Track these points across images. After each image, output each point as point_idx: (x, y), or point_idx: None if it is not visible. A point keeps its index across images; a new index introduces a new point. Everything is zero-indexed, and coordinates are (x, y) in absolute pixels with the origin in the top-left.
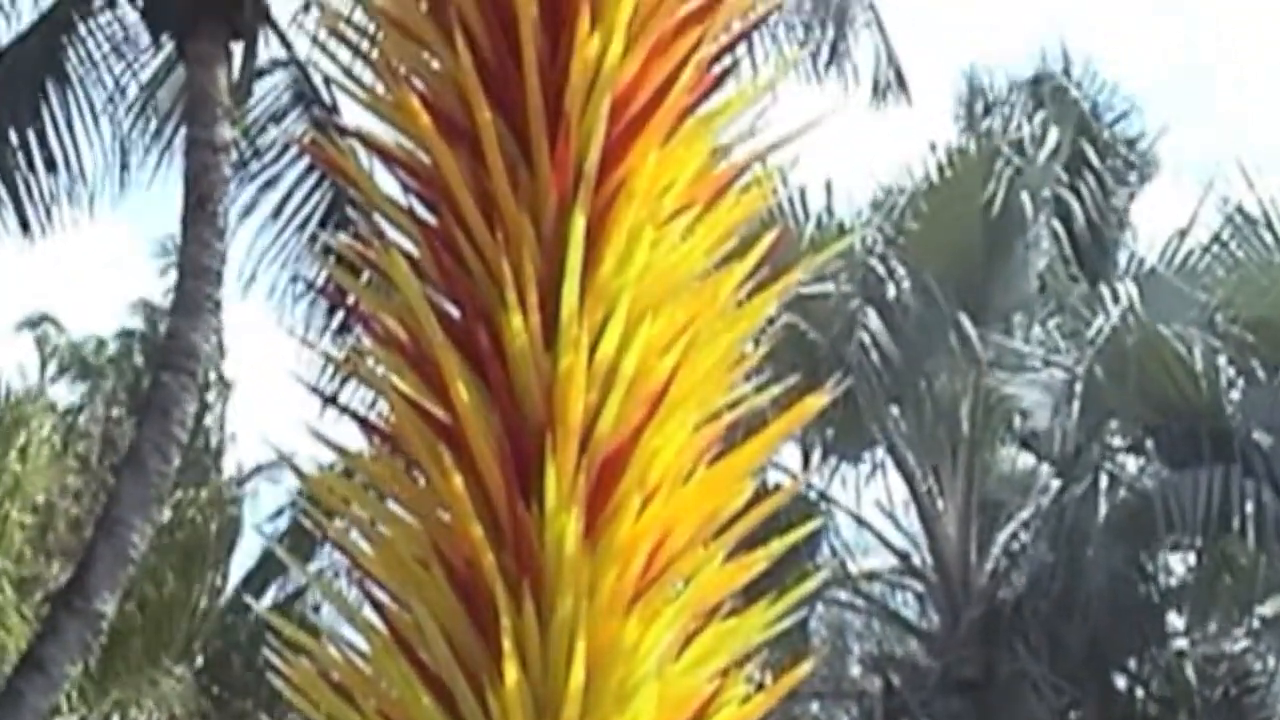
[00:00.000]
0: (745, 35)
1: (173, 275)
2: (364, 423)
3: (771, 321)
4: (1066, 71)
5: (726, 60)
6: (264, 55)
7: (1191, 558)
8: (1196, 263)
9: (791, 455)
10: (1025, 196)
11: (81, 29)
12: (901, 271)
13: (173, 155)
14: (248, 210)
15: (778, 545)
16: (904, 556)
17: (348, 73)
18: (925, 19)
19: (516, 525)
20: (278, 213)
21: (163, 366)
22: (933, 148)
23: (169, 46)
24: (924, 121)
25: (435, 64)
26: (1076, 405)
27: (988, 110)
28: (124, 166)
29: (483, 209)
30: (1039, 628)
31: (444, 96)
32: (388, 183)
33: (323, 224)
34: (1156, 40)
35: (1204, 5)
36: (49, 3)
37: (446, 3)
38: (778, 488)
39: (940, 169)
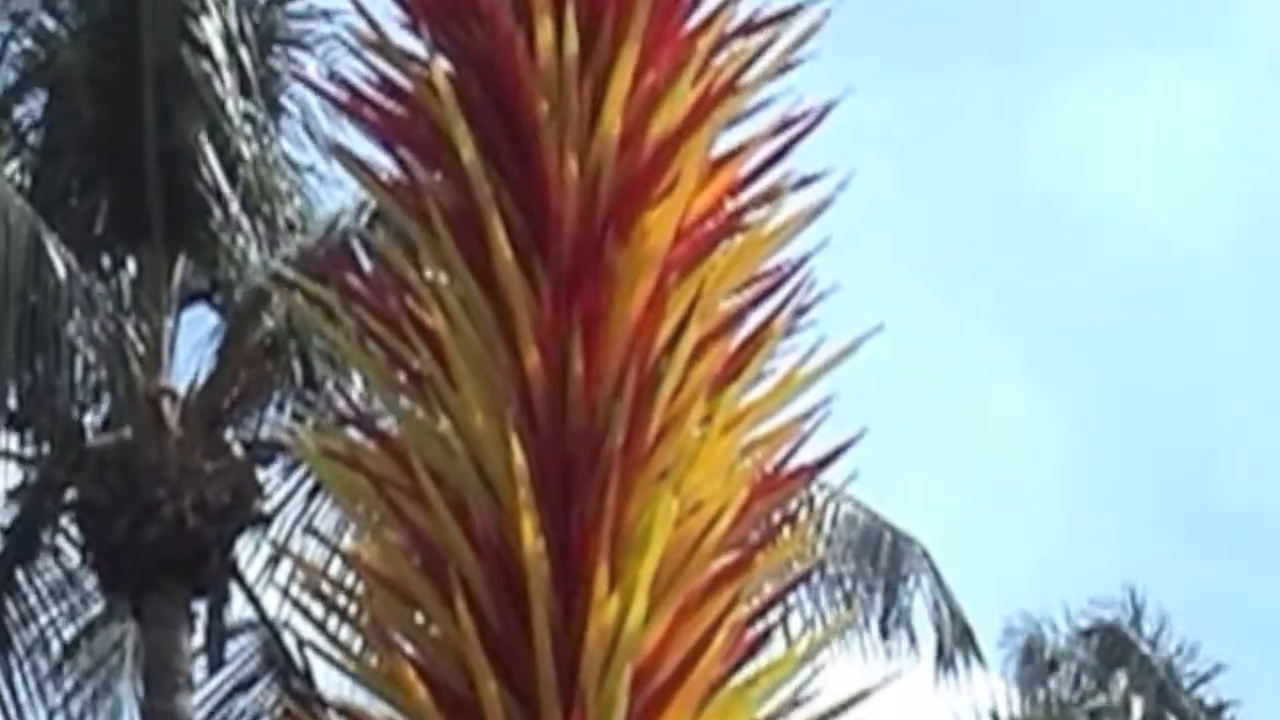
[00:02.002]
0: (785, 594)
1: None
2: None
3: None
4: (1136, 624)
5: (764, 622)
6: (229, 615)
7: None
8: None
9: None
10: None
11: (24, 584)
12: None
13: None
14: None
15: None
16: None
17: (328, 637)
18: (963, 560)
19: None
20: None
21: None
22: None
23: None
24: (972, 674)
25: (432, 629)
26: None
27: (1051, 666)
28: None
29: None
30: None
31: (442, 666)
32: None
33: None
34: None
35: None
36: None
37: (444, 559)
38: None
39: None
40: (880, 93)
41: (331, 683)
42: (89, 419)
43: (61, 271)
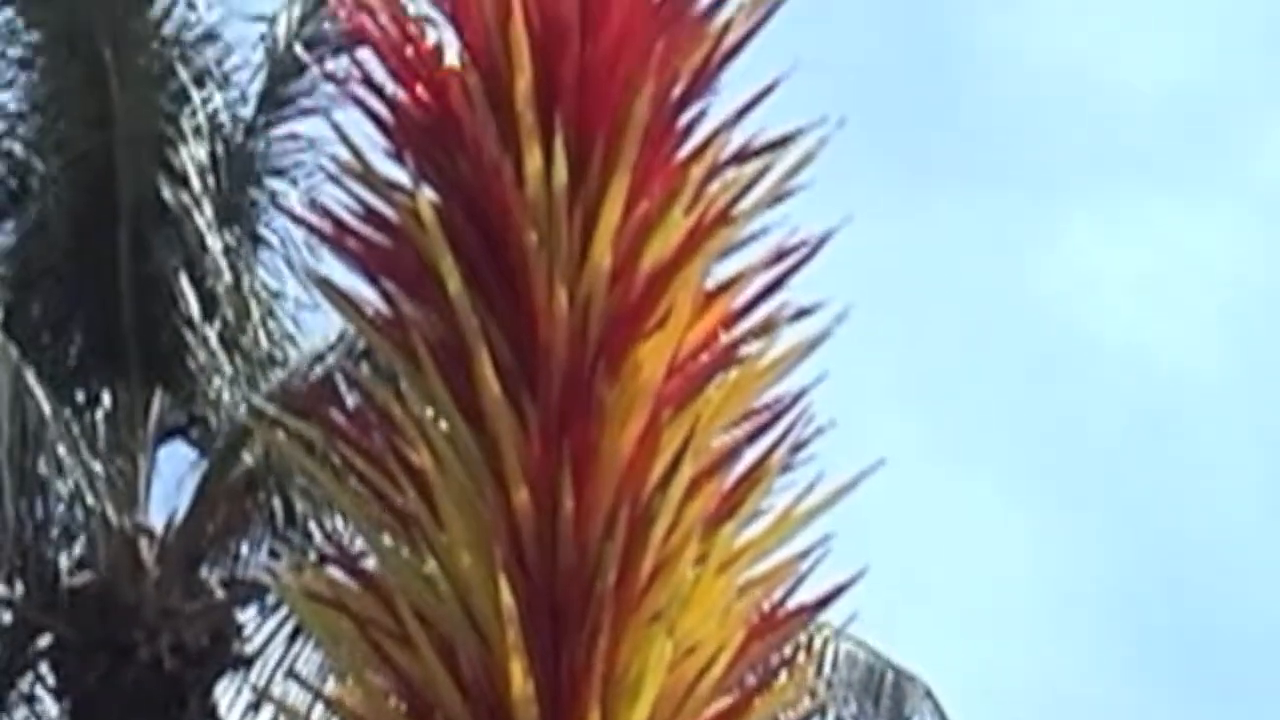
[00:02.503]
0: None
1: None
2: None
3: None
4: None
5: None
6: None
7: None
8: None
9: None
10: None
11: None
12: None
13: None
14: None
15: None
16: None
17: None
18: (967, 697)
19: None
20: None
21: None
22: None
23: None
24: None
25: None
26: None
27: None
28: None
29: None
30: None
31: None
32: None
33: None
34: None
35: None
36: None
37: (431, 704)
38: None
39: None
40: (879, 222)
41: None
42: (63, 558)
43: (46, 408)
